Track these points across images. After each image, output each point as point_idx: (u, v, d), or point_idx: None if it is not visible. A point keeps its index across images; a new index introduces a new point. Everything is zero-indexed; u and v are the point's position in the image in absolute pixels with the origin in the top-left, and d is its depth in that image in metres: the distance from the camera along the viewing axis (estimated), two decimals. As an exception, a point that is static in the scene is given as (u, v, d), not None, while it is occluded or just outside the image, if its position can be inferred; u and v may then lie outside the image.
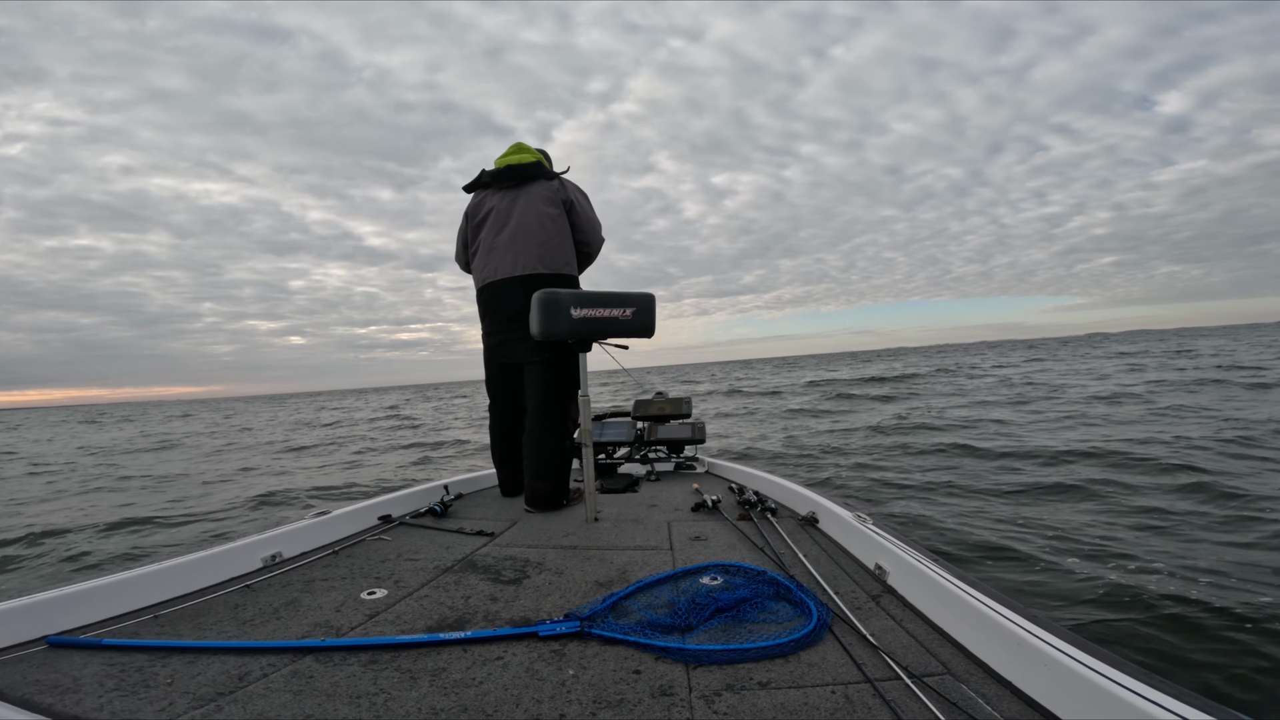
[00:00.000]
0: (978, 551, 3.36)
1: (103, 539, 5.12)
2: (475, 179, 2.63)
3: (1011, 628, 1.04)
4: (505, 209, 2.51)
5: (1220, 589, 2.62)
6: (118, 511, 6.26)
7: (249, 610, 1.43)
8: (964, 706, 0.95)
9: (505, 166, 2.52)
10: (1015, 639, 1.02)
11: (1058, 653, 0.94)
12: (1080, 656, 0.91)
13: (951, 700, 0.97)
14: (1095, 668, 0.88)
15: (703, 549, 1.85)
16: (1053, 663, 0.93)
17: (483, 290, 2.59)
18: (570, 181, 2.54)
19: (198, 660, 1.17)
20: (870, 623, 1.28)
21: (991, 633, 1.08)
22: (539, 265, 2.44)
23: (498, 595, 1.52)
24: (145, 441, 17.57)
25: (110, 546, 4.85)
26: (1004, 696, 0.98)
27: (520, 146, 2.58)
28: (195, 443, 16.17)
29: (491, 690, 1.05)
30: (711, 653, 1.16)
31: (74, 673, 1.11)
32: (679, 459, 3.35)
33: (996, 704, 0.96)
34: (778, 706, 0.98)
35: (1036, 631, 1.01)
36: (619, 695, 1.03)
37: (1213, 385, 11.99)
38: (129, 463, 11.67)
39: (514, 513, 2.43)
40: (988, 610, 1.11)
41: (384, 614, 1.41)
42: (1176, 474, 4.81)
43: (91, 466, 11.32)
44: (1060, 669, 0.91)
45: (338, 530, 2.04)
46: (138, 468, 10.63)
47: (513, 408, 2.65)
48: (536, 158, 2.53)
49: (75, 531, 5.33)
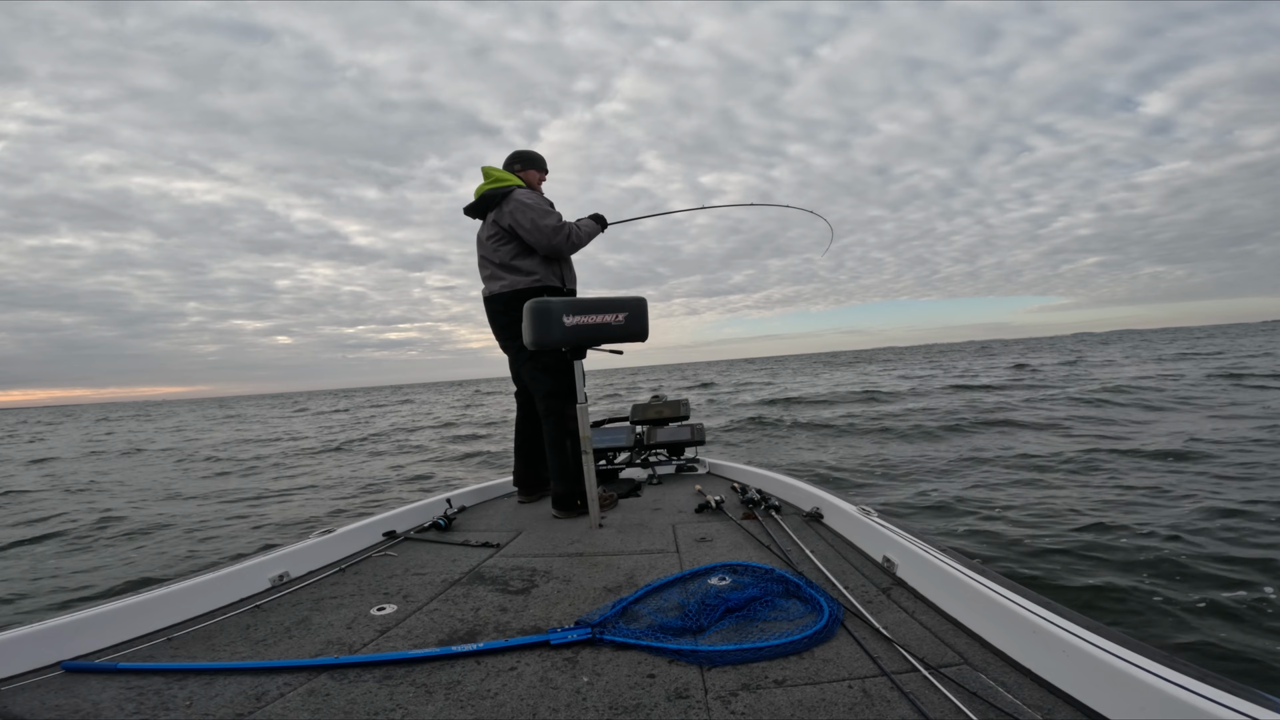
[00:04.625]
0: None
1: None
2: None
3: (1028, 615, 1.04)
4: (478, 236, 2.78)
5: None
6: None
7: (261, 630, 1.43)
8: (984, 696, 0.96)
9: (470, 204, 2.74)
10: (1032, 626, 1.02)
11: (1076, 639, 0.94)
12: (1099, 642, 0.92)
13: (971, 690, 0.98)
14: (1115, 652, 0.89)
15: (709, 550, 1.86)
16: (1072, 649, 0.94)
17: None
18: (515, 198, 2.57)
19: (214, 681, 1.16)
20: (882, 616, 1.29)
21: (1007, 621, 1.09)
22: (496, 287, 2.65)
23: (507, 605, 1.51)
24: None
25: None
26: (1024, 684, 0.99)
27: (486, 173, 2.71)
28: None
29: (507, 701, 1.05)
30: (725, 653, 1.16)
31: (92, 697, 1.11)
32: (680, 461, 3.35)
33: (1017, 692, 0.97)
34: (795, 704, 0.99)
35: (1053, 618, 1.01)
36: (635, 700, 1.03)
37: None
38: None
39: (518, 523, 2.42)
40: (1002, 599, 1.12)
41: (395, 629, 1.40)
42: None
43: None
44: (1080, 655, 0.92)
45: (343, 548, 2.03)
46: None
47: (529, 404, 2.82)
48: (492, 185, 2.64)
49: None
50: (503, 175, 2.67)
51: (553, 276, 2.65)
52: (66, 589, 3.98)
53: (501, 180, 2.64)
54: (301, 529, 5.22)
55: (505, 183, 2.63)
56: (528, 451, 2.84)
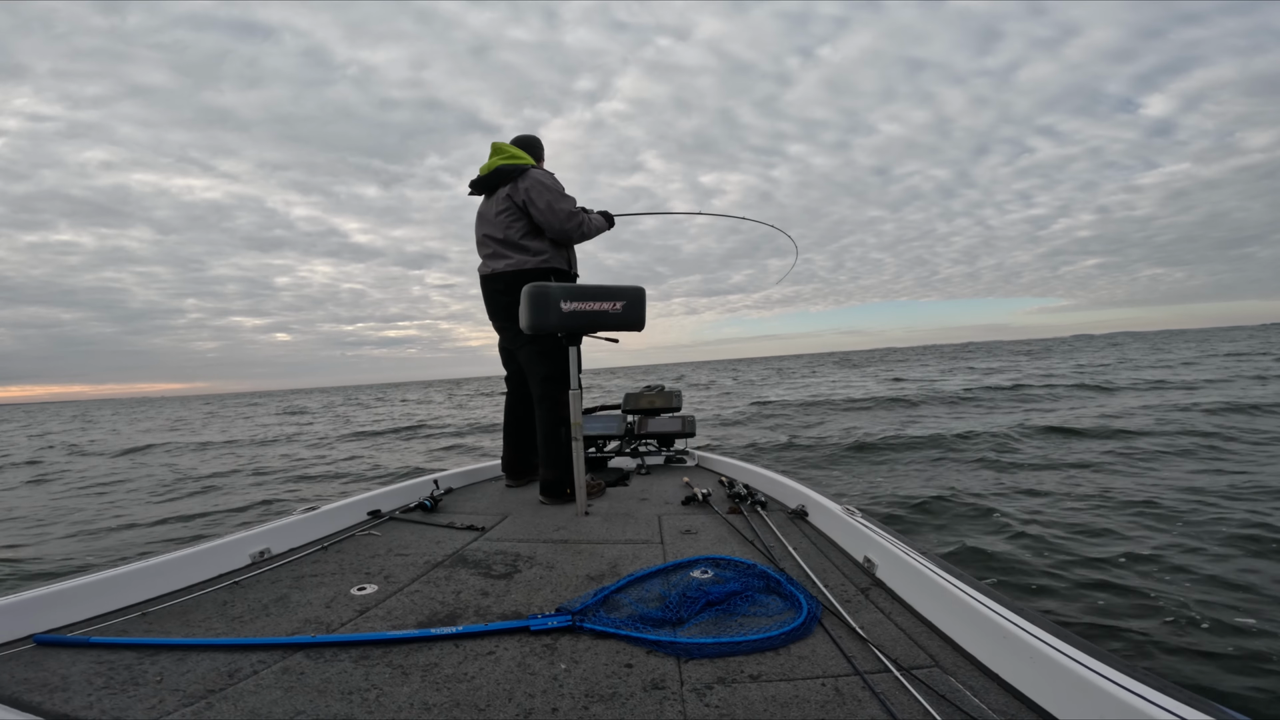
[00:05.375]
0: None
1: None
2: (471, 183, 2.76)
3: (998, 621, 1.05)
4: (482, 212, 2.71)
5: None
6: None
7: (238, 607, 1.42)
8: (952, 699, 0.97)
9: (478, 178, 2.69)
10: (1002, 632, 1.04)
11: (1044, 645, 0.95)
12: (1066, 650, 0.93)
13: (939, 693, 0.99)
14: (1082, 661, 0.90)
15: (693, 542, 1.86)
16: (1039, 655, 0.95)
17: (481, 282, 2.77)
18: (533, 176, 2.54)
19: (187, 657, 1.16)
20: (859, 615, 1.30)
21: (978, 626, 1.10)
22: (499, 265, 2.60)
23: (489, 590, 1.51)
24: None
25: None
26: (991, 689, 1.00)
27: (497, 148, 2.65)
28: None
29: (484, 685, 1.05)
30: (702, 646, 1.17)
31: (62, 671, 1.10)
32: (669, 452, 3.36)
33: (984, 696, 0.98)
34: (768, 699, 1.00)
35: (1023, 624, 1.03)
36: (611, 689, 1.03)
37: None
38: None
39: (504, 507, 2.42)
40: (975, 603, 1.13)
41: (374, 610, 1.40)
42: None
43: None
44: (1046, 662, 0.93)
45: (327, 526, 2.02)
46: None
47: (520, 388, 2.80)
48: (507, 160, 2.60)
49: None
50: (517, 153, 2.63)
51: (560, 259, 2.62)
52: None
53: (516, 157, 2.61)
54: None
55: (520, 160, 2.59)
56: (517, 437, 2.82)
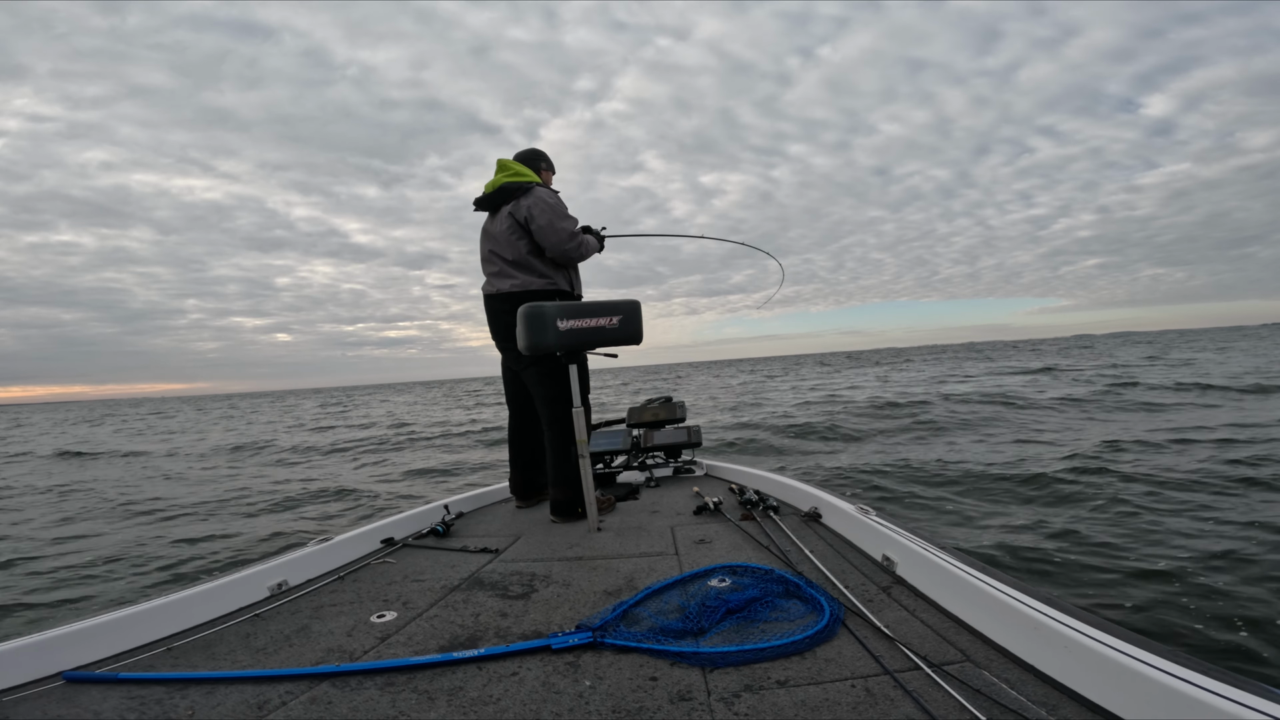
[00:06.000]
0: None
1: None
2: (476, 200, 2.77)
3: (1030, 612, 1.05)
4: (487, 229, 2.70)
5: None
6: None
7: (261, 639, 1.42)
8: (988, 693, 0.96)
9: (484, 195, 2.69)
10: (1034, 623, 1.03)
11: (1080, 635, 0.95)
12: (1102, 638, 0.93)
13: (974, 687, 0.98)
14: (1118, 648, 0.89)
15: (708, 551, 1.86)
16: (1074, 645, 0.94)
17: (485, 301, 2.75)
18: (537, 194, 2.55)
19: (215, 691, 1.16)
20: (883, 615, 1.29)
21: (1009, 618, 1.09)
22: (504, 285, 2.59)
23: (507, 611, 1.51)
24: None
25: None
26: (1028, 681, 0.99)
27: (502, 165, 2.66)
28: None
29: (509, 706, 1.05)
30: (727, 654, 1.16)
31: (94, 707, 1.10)
32: (677, 463, 3.35)
33: (1021, 688, 0.97)
34: (798, 704, 0.99)
35: (1056, 615, 1.02)
36: (637, 703, 1.03)
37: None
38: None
39: (516, 528, 2.42)
40: (1004, 596, 1.12)
41: (395, 636, 1.40)
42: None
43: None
44: (1083, 651, 0.93)
45: (342, 555, 2.02)
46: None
47: (523, 410, 2.78)
48: (511, 178, 2.61)
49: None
50: (522, 170, 2.64)
51: (564, 281, 2.64)
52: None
53: (522, 175, 2.62)
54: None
55: (525, 178, 2.61)
56: (523, 459, 2.79)
